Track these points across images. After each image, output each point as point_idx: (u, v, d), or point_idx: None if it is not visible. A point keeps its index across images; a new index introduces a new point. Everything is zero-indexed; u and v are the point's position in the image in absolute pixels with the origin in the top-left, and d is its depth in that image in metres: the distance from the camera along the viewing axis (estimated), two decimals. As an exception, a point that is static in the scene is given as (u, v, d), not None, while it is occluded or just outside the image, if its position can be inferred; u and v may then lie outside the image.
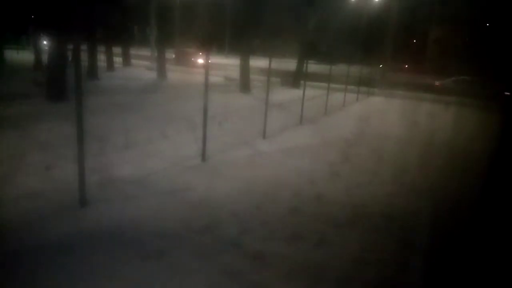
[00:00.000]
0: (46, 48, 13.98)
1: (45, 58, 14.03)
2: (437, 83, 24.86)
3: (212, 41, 37.35)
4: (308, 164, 7.34)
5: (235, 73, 20.29)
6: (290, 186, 5.96)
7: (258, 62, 19.14)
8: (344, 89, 15.99)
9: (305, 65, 16.31)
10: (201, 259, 3.73)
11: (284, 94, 16.31)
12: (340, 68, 17.07)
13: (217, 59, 33.19)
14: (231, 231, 4.34)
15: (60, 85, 11.22)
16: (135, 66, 25.97)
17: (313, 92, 13.15)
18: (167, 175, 6.00)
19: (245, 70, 18.04)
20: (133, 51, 28.46)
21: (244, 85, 17.87)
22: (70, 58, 11.47)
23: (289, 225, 4.66)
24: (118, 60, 24.69)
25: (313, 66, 17.24)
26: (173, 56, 30.03)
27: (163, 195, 5.21)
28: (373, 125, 12.42)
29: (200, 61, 28.60)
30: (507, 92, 21.27)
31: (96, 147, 6.50)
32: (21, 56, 24.97)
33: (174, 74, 21.79)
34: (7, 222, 4.13)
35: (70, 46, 9.69)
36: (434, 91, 23.34)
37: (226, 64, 28.92)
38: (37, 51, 19.66)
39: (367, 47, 25.14)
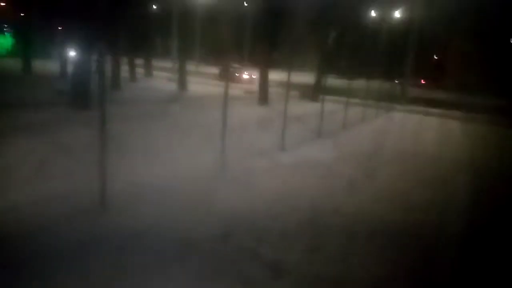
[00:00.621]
0: (72, 58, 14.43)
1: (70, 68, 14.45)
2: None
3: (236, 53, 37.76)
4: (326, 177, 7.30)
5: (253, 86, 20.42)
6: (309, 199, 5.94)
7: (276, 75, 19.28)
8: (363, 104, 15.91)
9: (324, 79, 16.35)
10: (217, 266, 3.76)
11: (303, 107, 16.32)
12: (359, 83, 17.01)
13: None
14: (248, 240, 4.34)
15: (84, 94, 11.52)
16: (157, 77, 26.45)
17: (331, 106, 13.09)
18: (186, 183, 6.06)
19: (263, 83, 18.18)
20: (154, 63, 29.02)
21: (263, 97, 17.97)
22: (94, 69, 11.80)
23: (306, 236, 4.64)
24: (140, 71, 25.21)
25: (332, 80, 17.24)
26: (218, 71, 30.31)
27: (181, 203, 5.26)
28: (393, 142, 12.29)
29: (245, 76, 28.95)
30: None
31: (116, 153, 6.60)
32: (47, 65, 25.76)
33: (195, 86, 22.08)
34: (30, 225, 4.24)
35: (95, 57, 10.02)
36: None
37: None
38: (63, 61, 20.23)
39: (386, 62, 25.01)
